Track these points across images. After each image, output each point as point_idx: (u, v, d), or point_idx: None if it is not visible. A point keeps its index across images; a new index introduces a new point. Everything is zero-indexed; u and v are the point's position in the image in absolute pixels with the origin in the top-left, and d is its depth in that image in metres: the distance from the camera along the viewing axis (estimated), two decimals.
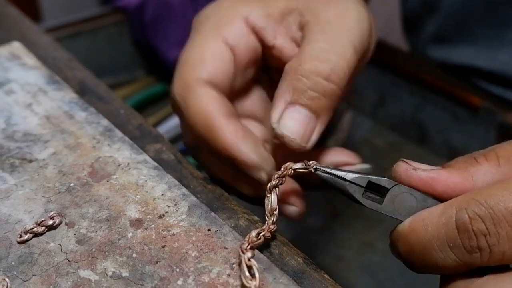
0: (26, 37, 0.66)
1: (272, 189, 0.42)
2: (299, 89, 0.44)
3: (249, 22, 0.48)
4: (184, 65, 0.46)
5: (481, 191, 0.35)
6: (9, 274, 0.40)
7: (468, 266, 0.35)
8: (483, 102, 0.87)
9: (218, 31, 0.47)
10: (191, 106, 0.45)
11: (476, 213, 0.34)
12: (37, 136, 0.51)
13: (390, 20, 1.30)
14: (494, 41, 0.86)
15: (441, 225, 0.36)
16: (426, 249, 0.36)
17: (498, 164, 0.37)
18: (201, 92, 0.45)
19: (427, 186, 0.38)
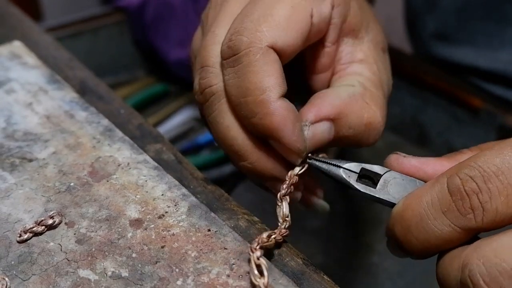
0: (27, 37, 0.66)
1: (282, 197, 0.43)
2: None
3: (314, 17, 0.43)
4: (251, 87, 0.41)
5: (470, 157, 0.37)
6: (9, 273, 0.40)
7: (465, 231, 0.36)
8: (483, 103, 0.87)
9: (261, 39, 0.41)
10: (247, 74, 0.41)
11: (467, 174, 0.35)
12: (37, 135, 0.51)
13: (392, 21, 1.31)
14: (494, 40, 0.86)
15: (434, 193, 0.37)
16: (422, 221, 0.37)
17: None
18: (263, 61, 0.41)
19: (418, 170, 0.40)
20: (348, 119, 0.44)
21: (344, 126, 0.44)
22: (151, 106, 1.22)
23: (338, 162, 0.42)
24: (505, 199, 0.34)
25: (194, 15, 1.26)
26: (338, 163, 0.42)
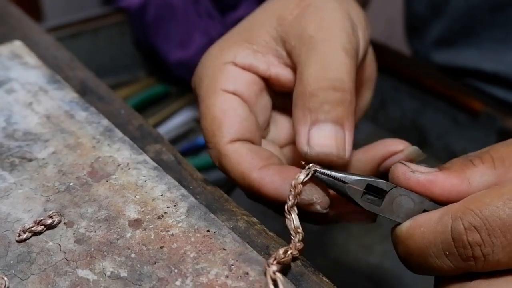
0: (28, 37, 0.66)
1: (290, 209, 0.42)
2: (313, 108, 0.44)
3: (238, 64, 0.48)
4: (206, 133, 0.47)
5: (477, 199, 0.36)
6: (8, 273, 0.40)
7: (463, 271, 0.36)
8: (483, 107, 0.88)
9: (215, 86, 0.48)
10: (228, 169, 0.46)
11: (471, 223, 0.35)
12: (37, 135, 0.51)
13: (391, 23, 1.31)
14: (499, 44, 0.86)
15: (437, 234, 0.37)
16: (423, 255, 0.37)
17: (493, 167, 0.38)
18: (231, 153, 0.46)
19: (425, 189, 0.39)
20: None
21: None
22: (151, 107, 1.23)
23: (343, 176, 0.41)
24: (508, 253, 0.35)
25: (194, 16, 1.26)
26: (344, 178, 0.41)
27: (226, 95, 0.47)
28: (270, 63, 0.49)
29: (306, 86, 0.44)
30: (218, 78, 0.48)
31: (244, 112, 0.48)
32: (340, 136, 0.44)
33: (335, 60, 0.45)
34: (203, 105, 0.48)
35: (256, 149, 0.47)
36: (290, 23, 0.48)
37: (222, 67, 0.48)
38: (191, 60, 1.24)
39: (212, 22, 1.27)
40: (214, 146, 0.47)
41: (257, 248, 0.43)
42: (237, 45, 0.49)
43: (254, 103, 0.49)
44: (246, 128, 0.47)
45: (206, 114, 0.48)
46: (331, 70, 0.44)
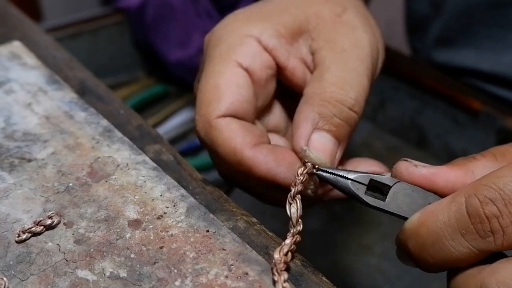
0: (27, 37, 0.66)
1: (295, 196, 0.42)
2: (325, 115, 0.44)
3: (261, 42, 0.47)
4: (201, 100, 0.46)
5: (488, 176, 0.35)
6: (7, 273, 0.40)
7: (482, 252, 0.35)
8: (483, 106, 0.88)
9: (231, 56, 0.47)
10: (218, 143, 0.45)
11: (486, 196, 0.34)
12: (37, 135, 0.51)
13: (391, 23, 1.31)
14: (498, 44, 0.86)
15: (452, 213, 0.36)
16: (438, 240, 0.36)
17: (495, 160, 0.39)
18: (223, 127, 0.45)
19: (429, 182, 0.39)
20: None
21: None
22: (150, 107, 1.23)
23: (346, 172, 0.41)
24: None
25: (194, 16, 1.26)
26: (346, 174, 0.41)
27: (238, 69, 0.47)
28: (291, 54, 0.48)
29: (326, 90, 0.45)
30: (237, 48, 0.47)
31: (247, 93, 0.47)
32: (335, 151, 0.45)
33: (360, 82, 0.46)
34: (211, 66, 0.47)
35: (248, 126, 0.46)
36: (327, 25, 0.48)
37: (244, 39, 0.47)
38: (191, 60, 1.24)
39: (212, 22, 1.27)
40: (204, 115, 0.46)
41: (257, 248, 0.43)
42: (266, 22, 0.48)
43: (262, 86, 0.48)
44: (243, 109, 0.46)
45: (210, 77, 0.46)
46: (355, 90, 0.45)
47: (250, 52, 0.47)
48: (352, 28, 0.48)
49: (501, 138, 0.86)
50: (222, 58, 0.47)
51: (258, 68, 0.47)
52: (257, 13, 0.49)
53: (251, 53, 0.47)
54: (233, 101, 0.46)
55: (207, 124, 0.45)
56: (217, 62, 0.47)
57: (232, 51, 0.47)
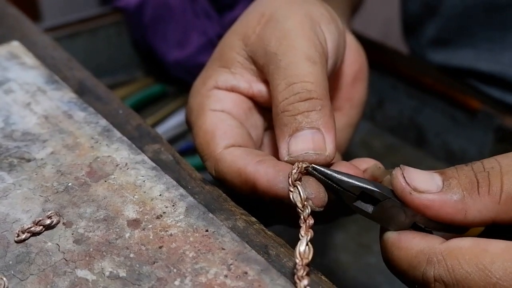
0: (25, 37, 0.66)
1: (294, 183, 0.41)
2: (287, 121, 0.45)
3: (221, 88, 0.50)
4: (201, 148, 0.48)
5: (457, 256, 0.36)
6: (7, 273, 0.40)
7: None
8: (481, 105, 0.88)
9: (204, 109, 0.49)
10: (224, 171, 0.46)
11: (441, 277, 0.36)
12: (36, 135, 0.51)
13: (389, 22, 1.31)
14: (495, 44, 0.86)
15: (411, 267, 0.38)
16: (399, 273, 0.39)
17: (498, 202, 0.37)
18: (226, 156, 0.46)
19: (419, 210, 0.39)
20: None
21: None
22: (149, 107, 1.22)
23: (338, 179, 0.41)
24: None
25: (192, 16, 1.26)
26: (339, 181, 0.41)
27: (215, 112, 0.49)
28: (251, 81, 0.50)
29: (277, 105, 0.45)
30: (205, 102, 0.50)
31: (235, 123, 0.49)
32: (318, 138, 0.44)
33: (299, 72, 0.45)
34: (195, 127, 0.49)
35: (251, 150, 0.47)
36: (254, 42, 0.49)
37: (207, 93, 0.50)
38: (189, 60, 1.23)
39: (210, 22, 1.27)
40: (209, 156, 0.47)
41: (256, 247, 0.43)
42: (216, 72, 0.50)
43: (244, 120, 0.50)
44: (238, 136, 0.48)
45: (198, 132, 0.49)
46: (296, 84, 0.45)
47: (217, 99, 0.50)
48: (274, 25, 0.48)
49: (499, 137, 0.87)
50: (199, 115, 0.49)
51: (230, 107, 0.49)
52: (207, 70, 0.52)
53: (218, 99, 0.50)
54: (226, 133, 0.47)
55: (214, 160, 0.47)
56: (196, 120, 0.50)
57: (202, 106, 0.50)
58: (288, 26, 0.47)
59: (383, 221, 0.41)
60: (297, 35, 0.47)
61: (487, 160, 0.38)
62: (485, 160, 0.38)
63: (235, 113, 0.49)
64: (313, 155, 0.43)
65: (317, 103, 0.44)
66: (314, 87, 0.45)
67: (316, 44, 0.47)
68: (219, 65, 0.51)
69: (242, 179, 0.44)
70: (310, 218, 0.40)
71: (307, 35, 0.47)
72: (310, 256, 0.38)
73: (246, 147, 0.48)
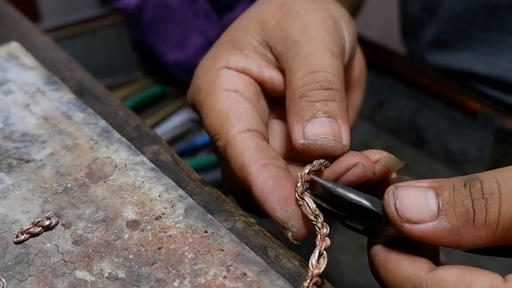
0: (25, 38, 0.66)
1: (301, 195, 0.41)
2: (305, 107, 0.44)
3: (232, 68, 0.49)
4: (214, 130, 0.47)
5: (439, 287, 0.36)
6: (5, 274, 0.40)
7: None
8: (481, 106, 0.88)
9: (216, 89, 0.48)
10: (231, 157, 0.45)
11: None
12: (35, 136, 0.51)
13: (389, 23, 1.31)
14: (494, 47, 0.86)
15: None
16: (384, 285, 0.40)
17: (493, 234, 0.36)
18: (238, 142, 0.45)
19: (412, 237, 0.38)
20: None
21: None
22: (148, 108, 1.22)
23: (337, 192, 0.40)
24: None
25: (191, 16, 1.26)
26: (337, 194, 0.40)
27: (228, 92, 0.48)
28: (262, 66, 0.49)
29: (295, 90, 0.45)
30: (216, 81, 0.48)
31: (249, 105, 0.48)
32: (335, 127, 0.44)
33: (321, 62, 0.45)
34: (206, 105, 0.48)
35: (264, 145, 0.46)
36: (273, 28, 0.49)
37: (217, 72, 0.49)
38: (188, 61, 1.23)
39: (209, 22, 1.27)
40: (222, 136, 0.46)
41: (255, 248, 0.43)
42: (227, 52, 0.50)
43: (255, 103, 0.49)
44: (253, 119, 0.47)
45: (211, 110, 0.47)
46: (318, 72, 0.45)
47: (228, 78, 0.49)
48: (295, 16, 0.48)
49: (499, 138, 0.86)
50: (210, 94, 0.48)
51: (242, 87, 0.48)
52: (217, 49, 0.51)
53: (229, 78, 0.49)
54: (241, 115, 0.46)
55: (226, 141, 0.46)
56: (207, 99, 0.48)
57: (213, 85, 0.48)
58: (311, 18, 0.48)
59: (374, 235, 0.41)
60: (320, 28, 0.47)
61: (487, 181, 0.36)
62: (486, 180, 0.36)
63: (247, 94, 0.48)
64: (332, 141, 0.43)
65: (337, 95, 0.45)
66: (335, 79, 0.45)
67: (337, 41, 0.47)
68: (231, 46, 0.50)
69: (242, 174, 0.44)
70: (324, 227, 0.40)
71: (329, 29, 0.47)
72: (323, 266, 0.39)
73: (261, 131, 0.47)
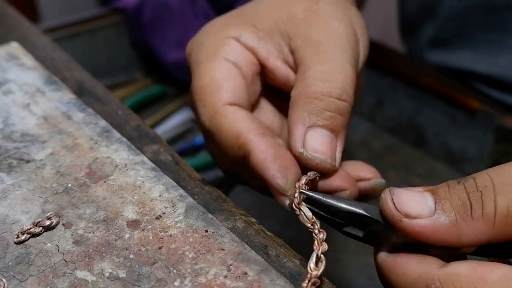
0: (25, 38, 0.66)
1: (298, 206, 0.41)
2: (314, 111, 0.44)
3: (241, 42, 0.49)
4: (202, 95, 0.47)
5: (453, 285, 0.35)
6: (6, 274, 0.40)
7: None
8: (481, 105, 0.88)
9: (217, 53, 0.48)
10: (222, 128, 0.45)
11: None
12: (35, 136, 0.51)
13: (388, 22, 1.31)
14: (493, 46, 0.86)
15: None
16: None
17: (492, 225, 0.36)
18: (229, 113, 0.45)
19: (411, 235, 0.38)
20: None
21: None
22: (148, 107, 1.23)
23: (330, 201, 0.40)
24: None
25: (191, 16, 1.26)
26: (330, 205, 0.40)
27: (227, 63, 0.48)
28: (271, 54, 0.49)
29: (311, 87, 0.45)
30: (220, 47, 0.48)
31: (243, 82, 0.48)
32: (334, 145, 0.45)
33: (344, 71, 0.45)
34: (202, 67, 0.48)
35: (254, 117, 0.47)
36: (300, 21, 0.48)
37: (225, 40, 0.49)
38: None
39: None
40: (209, 104, 0.46)
41: (256, 248, 0.43)
42: (243, 24, 0.49)
43: (250, 82, 0.49)
44: (243, 97, 0.47)
45: (204, 74, 0.47)
46: (340, 79, 0.45)
47: (234, 50, 0.48)
48: (325, 19, 0.48)
49: (499, 137, 0.86)
50: (209, 57, 0.48)
51: (243, 63, 0.48)
52: (235, 17, 0.51)
53: (234, 50, 0.48)
54: (233, 89, 0.46)
55: (213, 112, 0.46)
56: (205, 61, 0.48)
57: (216, 49, 0.48)
58: (340, 28, 0.48)
59: (375, 244, 0.41)
60: (344, 39, 0.47)
61: (480, 176, 0.37)
62: (478, 176, 0.37)
63: (245, 71, 0.48)
64: (329, 163, 0.44)
65: (348, 109, 0.45)
66: (351, 92, 0.45)
67: (356, 56, 0.48)
68: (251, 22, 0.49)
69: (239, 143, 0.44)
70: (321, 232, 0.41)
71: (351, 42, 0.48)
72: (321, 269, 0.39)
73: (247, 110, 0.47)
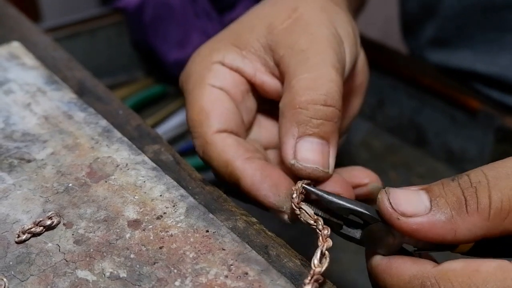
0: (26, 37, 0.66)
1: (298, 206, 0.42)
2: (302, 121, 0.44)
3: (226, 64, 0.50)
4: (193, 125, 0.49)
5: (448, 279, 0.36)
6: (7, 274, 0.40)
7: None
8: (481, 105, 0.88)
9: (203, 81, 0.49)
10: (212, 157, 0.47)
11: None
12: (36, 136, 0.51)
13: (389, 22, 1.31)
14: (493, 46, 0.86)
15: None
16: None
17: (487, 218, 0.36)
18: (218, 142, 0.47)
19: (409, 233, 0.38)
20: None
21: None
22: (149, 107, 1.23)
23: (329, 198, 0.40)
24: None
25: (192, 16, 1.26)
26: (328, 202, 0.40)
27: (214, 89, 0.49)
28: (257, 70, 0.50)
29: (296, 97, 0.45)
30: (206, 74, 0.49)
31: (231, 106, 0.49)
32: (325, 152, 0.45)
33: (327, 76, 0.45)
34: (190, 97, 0.49)
35: (242, 142, 0.48)
36: (281, 32, 0.49)
37: (210, 65, 0.50)
38: None
39: (210, 22, 1.27)
40: (200, 135, 0.48)
41: (256, 248, 0.43)
42: (226, 47, 0.50)
43: (240, 101, 0.50)
44: (233, 121, 0.48)
45: (193, 104, 0.49)
46: (324, 85, 0.45)
47: (219, 75, 0.49)
48: (304, 26, 0.48)
49: (499, 137, 0.87)
50: (196, 85, 0.49)
51: (230, 86, 0.49)
52: (217, 42, 0.52)
53: (220, 75, 0.49)
54: (221, 116, 0.48)
55: (204, 142, 0.47)
56: (193, 90, 0.49)
57: (202, 77, 0.49)
58: (321, 32, 0.48)
59: (371, 245, 0.41)
60: (328, 45, 0.47)
61: (474, 173, 0.37)
62: (472, 173, 0.37)
63: (233, 93, 0.49)
64: (321, 172, 0.44)
65: (336, 115, 0.45)
66: (337, 96, 0.45)
67: (340, 59, 0.48)
68: (232, 43, 0.50)
69: (228, 171, 0.46)
70: (325, 229, 0.41)
71: (334, 46, 0.48)
72: (325, 266, 0.39)
73: (237, 133, 0.48)
